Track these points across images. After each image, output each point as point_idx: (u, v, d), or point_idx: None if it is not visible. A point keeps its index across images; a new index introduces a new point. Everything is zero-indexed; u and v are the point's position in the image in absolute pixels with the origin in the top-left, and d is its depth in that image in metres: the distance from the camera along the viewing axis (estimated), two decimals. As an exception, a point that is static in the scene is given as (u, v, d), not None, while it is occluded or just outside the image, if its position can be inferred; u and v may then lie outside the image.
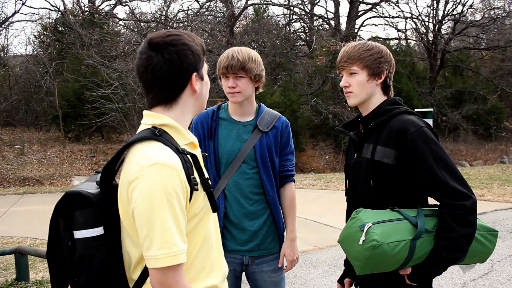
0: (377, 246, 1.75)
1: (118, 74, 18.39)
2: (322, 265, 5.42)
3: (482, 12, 26.31)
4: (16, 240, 6.83)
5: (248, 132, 2.51)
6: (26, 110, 24.35)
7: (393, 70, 2.13)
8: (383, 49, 2.09)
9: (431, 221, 1.88)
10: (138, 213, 1.38)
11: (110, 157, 1.55)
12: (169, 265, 1.37)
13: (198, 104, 1.63)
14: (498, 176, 12.09)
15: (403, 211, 1.88)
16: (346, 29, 25.07)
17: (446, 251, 1.83)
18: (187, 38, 1.54)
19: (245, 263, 2.53)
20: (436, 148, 1.89)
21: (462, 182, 1.87)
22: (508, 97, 27.74)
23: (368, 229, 1.78)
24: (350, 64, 2.07)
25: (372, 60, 2.05)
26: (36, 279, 5.03)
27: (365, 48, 2.07)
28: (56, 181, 16.03)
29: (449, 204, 1.84)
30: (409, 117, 1.98)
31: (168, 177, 1.39)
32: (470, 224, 1.83)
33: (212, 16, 24.57)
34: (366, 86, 2.07)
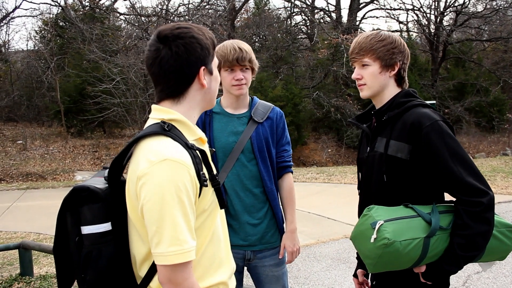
0: (389, 245, 1.71)
1: (120, 68, 18.38)
2: (326, 258, 5.42)
3: (484, 3, 26.22)
4: (19, 235, 6.85)
5: (243, 124, 2.49)
6: (28, 105, 24.38)
7: (408, 60, 2.07)
8: (396, 39, 2.04)
9: (446, 218, 1.82)
10: (148, 209, 1.36)
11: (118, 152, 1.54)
12: (179, 263, 1.36)
13: (207, 99, 1.61)
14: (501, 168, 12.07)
15: (416, 208, 1.82)
16: (347, 22, 24.98)
17: (462, 249, 1.77)
18: (196, 31, 1.52)
19: (247, 257, 2.51)
20: (452, 142, 1.82)
21: (479, 177, 1.79)
22: (510, 88, 27.63)
23: (380, 226, 1.73)
24: (362, 56, 2.01)
25: (385, 51, 1.99)
26: (40, 273, 5.04)
27: (378, 38, 2.01)
28: (58, 176, 16.05)
29: (465, 200, 1.78)
30: (424, 110, 1.91)
31: (178, 173, 1.37)
32: (487, 221, 1.76)
33: (213, 9, 24.49)
34: (379, 78, 2.01)
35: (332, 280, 4.79)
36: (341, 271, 4.99)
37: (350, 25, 24.45)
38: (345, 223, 6.83)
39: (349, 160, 21.24)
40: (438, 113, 1.92)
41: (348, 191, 9.35)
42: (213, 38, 1.59)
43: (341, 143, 21.77)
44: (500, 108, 25.16)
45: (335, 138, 22.61)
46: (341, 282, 4.71)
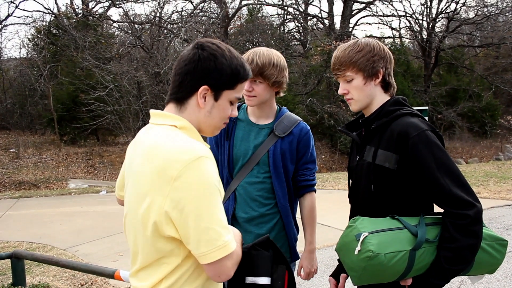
0: (372, 257, 1.66)
1: (113, 76, 18.37)
2: (320, 265, 5.40)
3: (475, 10, 26.45)
4: (12, 245, 6.79)
5: (264, 135, 2.44)
6: (20, 113, 24.30)
7: (391, 65, 2.00)
8: (375, 45, 1.96)
9: (433, 230, 1.78)
10: (196, 207, 1.37)
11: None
12: (232, 251, 1.41)
13: (206, 123, 1.58)
14: (494, 173, 12.12)
15: (403, 220, 1.78)
16: (340, 28, 25.10)
17: (448, 263, 1.73)
18: (224, 55, 1.53)
19: None
20: (439, 153, 1.78)
21: (466, 189, 1.75)
22: (502, 94, 27.85)
23: (364, 238, 1.69)
24: (343, 71, 1.96)
25: (365, 62, 1.92)
26: (33, 283, 5.00)
27: (356, 49, 1.94)
28: (52, 185, 15.98)
29: (451, 213, 1.74)
30: (412, 119, 1.87)
31: (212, 168, 1.43)
32: (474, 234, 1.72)
33: (206, 17, 24.56)
34: (365, 90, 1.96)
35: (326, 286, 4.78)
36: (335, 278, 4.99)
37: (343, 31, 24.56)
38: (339, 229, 6.83)
39: (342, 166, 21.27)
40: (427, 123, 1.89)
41: (342, 197, 9.35)
42: (241, 72, 1.56)
43: (334, 149, 21.82)
44: (492, 113, 25.33)
45: (328, 144, 22.65)
46: (335, 289, 4.70)
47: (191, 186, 1.36)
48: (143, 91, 19.52)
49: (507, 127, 23.95)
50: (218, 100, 1.55)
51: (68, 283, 5.10)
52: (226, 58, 1.53)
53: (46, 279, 5.20)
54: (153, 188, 1.42)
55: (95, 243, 6.76)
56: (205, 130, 1.61)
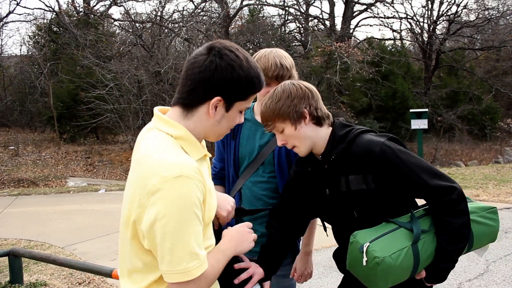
0: (380, 262, 1.75)
1: (113, 74, 18.36)
2: (318, 266, 5.40)
3: (476, 13, 26.44)
4: (10, 242, 6.78)
5: (269, 135, 2.42)
6: (20, 111, 24.29)
7: (315, 98, 1.99)
8: (291, 89, 1.96)
9: (426, 221, 1.90)
10: (162, 225, 1.32)
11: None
12: (199, 275, 1.38)
13: (213, 131, 1.55)
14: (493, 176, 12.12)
15: (396, 220, 1.90)
16: (341, 30, 25.11)
17: (450, 244, 1.85)
18: (242, 66, 1.46)
19: None
20: (405, 155, 1.88)
21: (441, 176, 1.88)
22: (502, 97, 27.83)
23: (367, 248, 1.78)
24: (272, 125, 1.98)
25: (287, 109, 1.93)
26: (30, 281, 4.99)
27: (275, 100, 1.95)
28: (51, 182, 15.97)
29: (437, 202, 1.86)
30: (367, 137, 1.94)
31: (192, 188, 1.35)
32: (463, 212, 1.85)
33: (207, 16, 24.53)
34: (300, 134, 1.97)
35: (325, 287, 4.78)
36: (333, 279, 4.98)
37: (344, 33, 24.58)
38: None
39: (342, 167, 21.28)
40: (380, 133, 1.99)
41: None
42: (257, 84, 1.52)
43: (334, 150, 21.79)
44: (492, 116, 25.31)
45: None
46: (333, 290, 4.70)
47: (164, 203, 1.33)
48: (143, 90, 19.50)
49: (506, 130, 23.95)
50: (229, 111, 1.51)
51: (66, 281, 5.09)
52: (243, 69, 1.46)
53: (44, 277, 5.19)
54: (134, 199, 1.40)
55: (93, 241, 6.75)
56: (210, 137, 1.58)
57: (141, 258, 1.45)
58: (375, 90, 22.27)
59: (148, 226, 1.35)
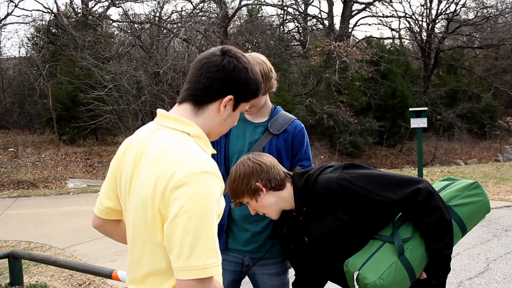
0: (375, 286, 1.83)
1: (112, 76, 18.34)
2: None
3: (475, 11, 26.44)
4: (10, 244, 6.78)
5: (259, 133, 2.47)
6: (20, 112, 24.25)
7: (265, 172, 2.09)
8: (241, 169, 2.09)
9: (408, 227, 1.94)
10: (185, 220, 1.32)
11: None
12: (210, 276, 1.35)
13: (217, 129, 1.60)
14: (493, 174, 12.13)
15: (380, 235, 1.95)
16: (340, 29, 25.11)
17: (436, 242, 1.87)
18: (253, 70, 1.57)
19: (245, 263, 2.49)
20: (363, 180, 1.92)
21: (403, 183, 1.90)
22: (502, 95, 27.85)
23: (357, 276, 1.86)
24: (239, 202, 2.14)
25: (241, 188, 2.08)
26: (30, 283, 4.99)
27: (231, 181, 2.10)
28: (50, 184, 15.96)
29: (408, 208, 1.89)
30: (323, 178, 2.00)
31: (215, 185, 1.39)
32: (435, 207, 1.87)
33: (206, 17, 24.53)
34: (264, 204, 2.11)
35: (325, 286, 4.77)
36: (333, 279, 4.97)
37: (343, 32, 24.58)
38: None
39: (342, 166, 21.25)
40: (332, 168, 2.04)
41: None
42: (260, 89, 1.62)
43: (334, 149, 21.81)
44: (491, 114, 25.33)
45: (328, 144, 22.64)
46: None
47: (189, 197, 1.33)
48: (142, 90, 19.50)
49: (506, 128, 23.97)
50: (235, 111, 1.59)
51: (66, 283, 5.09)
52: (253, 73, 1.57)
53: (44, 279, 5.19)
54: (156, 195, 1.40)
55: (93, 243, 6.74)
56: (213, 135, 1.62)
57: (167, 259, 1.43)
58: (374, 89, 22.27)
59: (170, 219, 1.35)
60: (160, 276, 1.47)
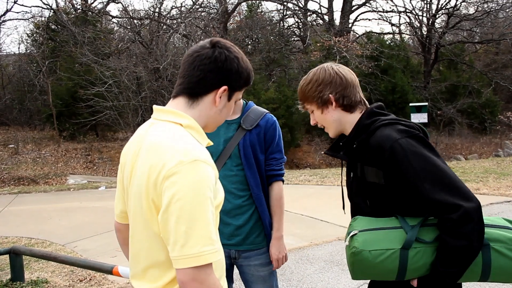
0: (356, 253, 1.73)
1: (112, 72, 18.34)
2: (319, 261, 5.41)
3: (475, 6, 26.39)
4: (11, 240, 6.79)
5: (232, 130, 2.53)
6: (20, 109, 24.27)
7: (344, 86, 1.98)
8: (321, 73, 2.00)
9: (433, 231, 1.76)
10: (177, 209, 1.33)
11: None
12: (211, 262, 1.36)
13: (213, 120, 1.61)
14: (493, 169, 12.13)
15: (403, 220, 1.80)
16: (340, 24, 25.07)
17: (442, 265, 1.71)
18: (243, 59, 1.59)
19: (232, 256, 2.57)
20: (416, 158, 1.74)
21: (450, 190, 1.69)
22: (502, 90, 27.83)
23: (354, 236, 1.77)
24: (303, 105, 2.09)
25: (313, 93, 2.00)
26: (31, 279, 5.00)
27: (306, 82, 2.04)
28: (51, 180, 15.97)
29: (438, 217, 1.73)
30: (386, 131, 1.84)
31: (207, 173, 1.38)
32: (464, 236, 1.66)
33: (205, 12, 24.49)
34: (327, 117, 2.03)
35: (325, 282, 4.78)
36: (334, 273, 4.98)
37: (343, 27, 24.53)
38: (338, 225, 6.83)
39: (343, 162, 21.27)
40: (403, 129, 1.84)
41: (341, 193, 9.35)
42: (251, 77, 1.65)
43: (334, 145, 21.81)
44: (492, 109, 25.32)
45: (328, 140, 22.62)
46: (334, 285, 4.70)
47: (180, 186, 1.34)
48: (142, 86, 19.49)
49: (506, 124, 23.96)
50: (230, 100, 1.61)
51: (67, 278, 5.09)
52: (244, 62, 1.59)
53: (45, 274, 5.19)
54: (149, 186, 1.41)
55: (94, 238, 6.75)
56: (210, 127, 1.63)
57: (165, 250, 1.44)
58: (374, 84, 22.25)
59: (163, 209, 1.36)
60: (160, 268, 1.47)
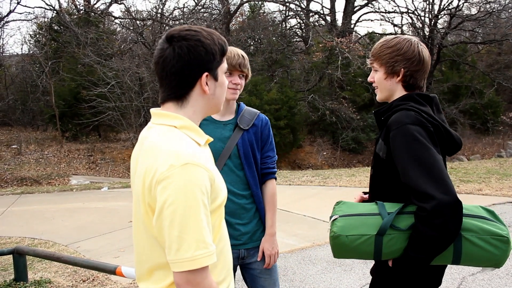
0: (335, 237, 1.88)
1: (115, 72, 18.36)
2: (321, 261, 5.41)
3: (478, 6, 26.30)
4: (14, 240, 6.81)
5: (229, 130, 2.56)
6: (22, 109, 24.32)
7: (420, 68, 2.07)
8: (405, 46, 2.05)
9: (408, 219, 1.85)
10: (170, 213, 1.34)
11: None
12: (206, 265, 1.36)
13: (211, 105, 1.59)
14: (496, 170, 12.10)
15: (382, 206, 1.92)
16: (342, 25, 25.05)
17: (412, 250, 1.81)
18: (204, 35, 1.51)
19: (241, 256, 2.60)
20: (415, 145, 1.83)
21: (436, 181, 1.75)
22: (504, 91, 27.77)
23: (334, 220, 1.92)
24: (372, 61, 2.13)
25: (388, 59, 2.06)
26: (35, 279, 5.01)
27: (387, 45, 2.08)
28: (53, 181, 16.00)
29: (415, 204, 1.80)
30: (403, 113, 1.93)
31: (199, 177, 1.37)
32: (434, 227, 1.73)
33: (208, 13, 24.51)
34: (386, 84, 2.10)
35: (328, 283, 4.79)
36: (336, 274, 4.99)
37: (345, 28, 24.51)
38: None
39: (344, 163, 21.27)
40: (417, 117, 1.91)
41: (343, 193, 9.36)
42: (224, 44, 1.57)
43: (336, 146, 21.81)
44: (494, 110, 25.27)
45: (330, 141, 22.64)
46: (336, 285, 4.71)
47: (171, 191, 1.34)
48: (144, 87, 19.51)
49: (509, 124, 23.91)
50: (218, 79, 1.57)
51: (70, 279, 5.11)
52: (208, 38, 1.51)
53: (48, 275, 5.21)
54: (145, 190, 1.42)
55: (97, 239, 6.77)
56: (213, 111, 1.62)
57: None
58: (376, 85, 22.21)
59: (157, 214, 1.37)
60: (165, 269, 1.48)
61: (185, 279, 1.36)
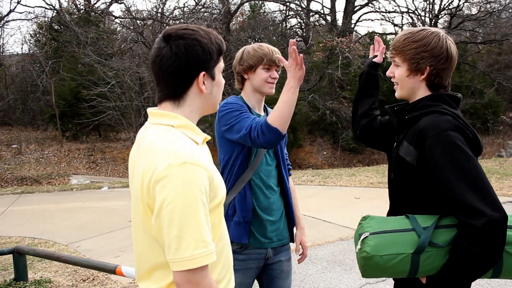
0: (368, 258, 1.71)
1: (115, 72, 18.36)
2: (321, 261, 5.41)
3: (478, 6, 26.30)
4: (14, 240, 6.81)
5: None
6: (23, 109, 24.32)
7: (446, 66, 1.86)
8: (432, 42, 1.83)
9: (446, 234, 1.71)
10: (168, 212, 1.34)
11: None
12: (205, 264, 1.36)
13: (208, 104, 1.59)
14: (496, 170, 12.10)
15: (415, 220, 1.75)
16: (342, 25, 25.03)
17: (455, 269, 1.66)
18: (201, 35, 1.51)
19: (267, 255, 2.54)
20: (458, 154, 1.66)
21: (483, 196, 1.61)
22: (505, 90, 27.75)
23: (364, 239, 1.73)
24: (394, 55, 1.92)
25: (413, 54, 1.84)
26: (35, 278, 5.01)
27: (412, 39, 1.86)
28: (54, 180, 16.01)
29: (461, 221, 1.64)
30: (440, 117, 1.75)
31: (197, 175, 1.37)
32: (483, 245, 1.60)
33: (208, 13, 24.47)
34: (407, 81, 1.90)
35: (328, 282, 4.79)
36: (336, 274, 4.99)
37: (345, 28, 24.50)
38: (340, 225, 6.83)
39: (344, 162, 21.27)
40: (455, 122, 1.74)
41: (343, 193, 9.36)
42: (221, 43, 1.56)
43: (336, 145, 21.80)
44: (494, 110, 25.24)
45: (330, 140, 22.63)
46: (336, 285, 4.71)
47: (170, 190, 1.34)
48: (145, 87, 19.51)
49: (509, 124, 23.90)
50: (215, 79, 1.57)
51: (70, 278, 5.11)
52: (205, 37, 1.51)
53: (48, 274, 5.21)
54: (143, 190, 1.42)
55: (97, 238, 6.77)
56: (209, 110, 1.61)
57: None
58: (377, 84, 22.21)
59: (155, 214, 1.37)
60: (164, 269, 1.48)
61: (185, 278, 1.36)
